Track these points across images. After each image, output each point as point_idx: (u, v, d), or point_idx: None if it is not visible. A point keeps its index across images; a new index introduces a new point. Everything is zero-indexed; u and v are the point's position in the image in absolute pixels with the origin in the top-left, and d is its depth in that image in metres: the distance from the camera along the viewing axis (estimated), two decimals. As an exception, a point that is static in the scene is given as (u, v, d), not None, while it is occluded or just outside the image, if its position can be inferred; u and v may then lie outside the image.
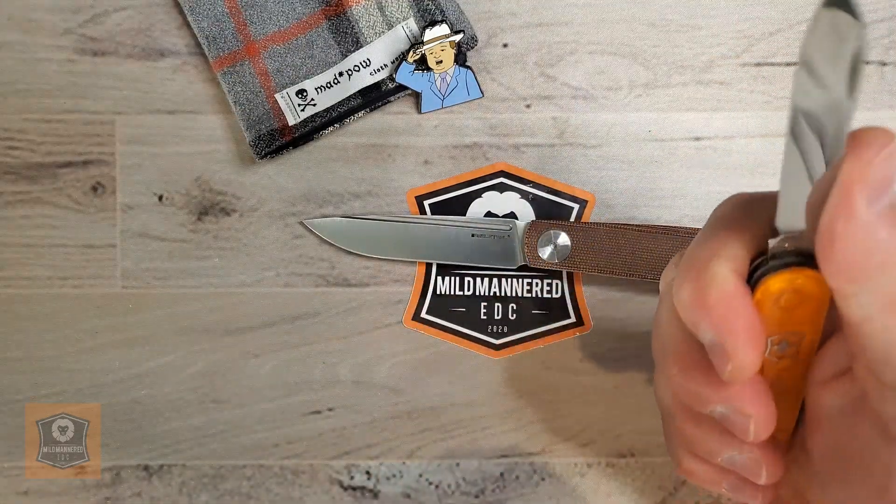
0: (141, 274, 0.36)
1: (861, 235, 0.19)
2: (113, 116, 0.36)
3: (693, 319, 0.22)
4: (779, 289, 0.21)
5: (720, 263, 0.21)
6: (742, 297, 0.21)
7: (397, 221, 0.36)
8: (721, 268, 0.21)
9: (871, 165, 0.18)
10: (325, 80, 0.35)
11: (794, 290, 0.21)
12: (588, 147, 0.36)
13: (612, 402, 0.36)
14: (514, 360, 0.36)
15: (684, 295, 0.22)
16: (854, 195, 0.18)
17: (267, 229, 0.36)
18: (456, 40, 0.35)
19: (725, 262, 0.21)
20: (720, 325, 0.21)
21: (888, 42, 0.36)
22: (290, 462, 0.36)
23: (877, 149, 0.18)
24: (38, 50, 0.36)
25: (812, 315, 0.22)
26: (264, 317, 0.36)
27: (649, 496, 0.36)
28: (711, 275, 0.21)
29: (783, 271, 0.21)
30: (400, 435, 0.36)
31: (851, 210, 0.18)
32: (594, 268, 0.34)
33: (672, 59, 0.36)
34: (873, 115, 0.35)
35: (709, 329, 0.21)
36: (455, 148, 0.36)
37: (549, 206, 0.36)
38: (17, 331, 0.36)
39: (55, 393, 0.36)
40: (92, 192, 0.36)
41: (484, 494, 0.36)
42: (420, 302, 0.36)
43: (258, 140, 0.35)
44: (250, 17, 0.35)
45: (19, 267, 0.36)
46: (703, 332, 0.21)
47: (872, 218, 0.18)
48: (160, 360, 0.36)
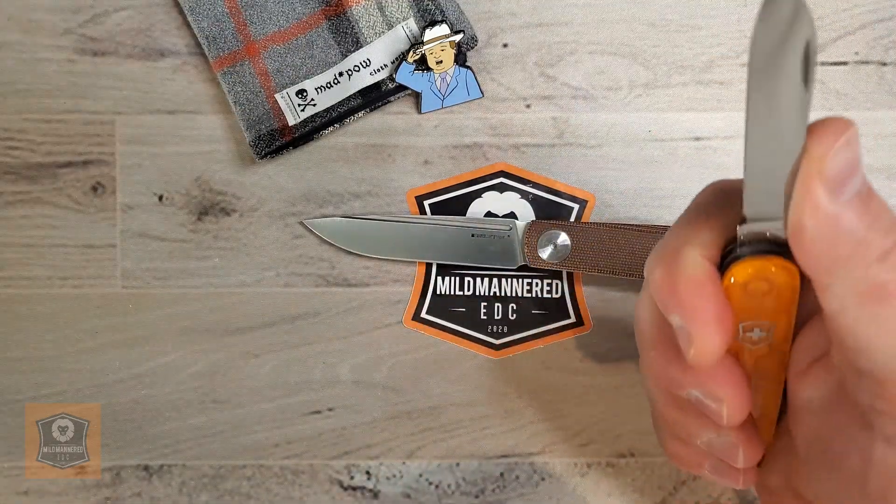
0: (141, 274, 0.36)
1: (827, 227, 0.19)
2: (113, 116, 0.36)
3: (663, 303, 0.22)
4: (745, 276, 0.21)
5: (691, 249, 0.21)
6: (710, 282, 0.21)
7: (397, 221, 0.36)
8: (691, 253, 0.21)
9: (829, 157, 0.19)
10: (325, 80, 0.35)
11: (762, 277, 0.21)
12: (588, 147, 0.36)
13: (612, 402, 0.36)
14: (514, 360, 0.36)
15: (656, 278, 0.22)
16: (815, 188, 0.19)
17: (267, 229, 0.36)
18: (456, 40, 0.35)
19: (696, 249, 0.21)
20: (686, 309, 0.21)
21: (888, 42, 0.36)
22: (290, 462, 0.36)
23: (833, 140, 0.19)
24: (38, 50, 0.36)
25: (782, 302, 0.22)
26: (264, 317, 0.36)
27: (649, 496, 0.36)
28: (682, 260, 0.21)
29: (750, 258, 0.21)
30: (400, 435, 0.36)
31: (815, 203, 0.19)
32: (594, 268, 0.34)
33: (672, 59, 0.36)
34: (873, 114, 0.35)
35: (676, 312, 0.22)
36: (455, 148, 0.36)
37: (549, 206, 0.36)
38: (17, 331, 0.36)
39: (55, 393, 0.36)
40: (92, 192, 0.36)
41: (484, 494, 0.36)
42: (420, 302, 0.36)
43: (258, 140, 0.35)
44: (250, 17, 0.35)
45: (19, 267, 0.36)
46: (672, 316, 0.22)
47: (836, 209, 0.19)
48: (160, 360, 0.36)
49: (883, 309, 0.19)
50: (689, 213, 0.23)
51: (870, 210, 0.19)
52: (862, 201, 0.19)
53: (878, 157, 0.36)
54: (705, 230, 0.22)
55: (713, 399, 0.23)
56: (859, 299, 0.19)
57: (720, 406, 0.23)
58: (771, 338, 0.23)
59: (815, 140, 0.19)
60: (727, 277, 0.21)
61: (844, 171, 0.19)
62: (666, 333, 0.24)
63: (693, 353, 0.21)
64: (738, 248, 0.21)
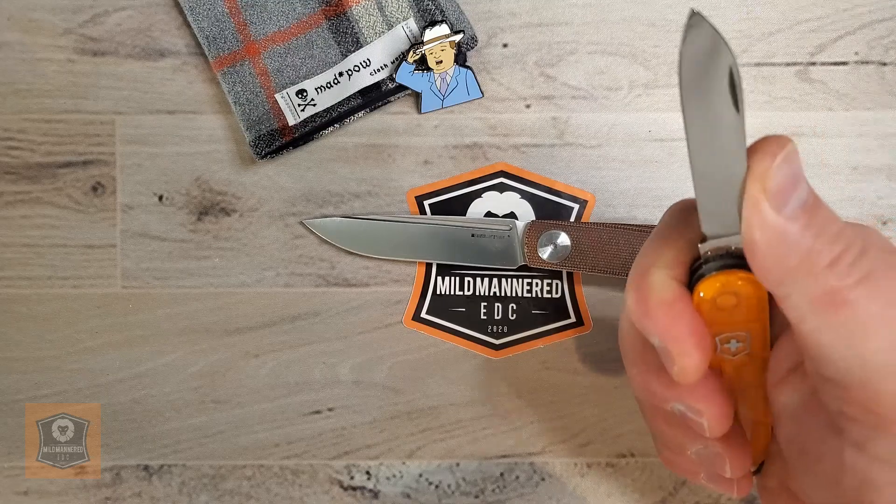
0: (141, 274, 0.36)
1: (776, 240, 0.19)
2: (113, 116, 0.36)
3: (640, 325, 0.23)
4: (713, 291, 0.22)
5: (657, 271, 0.22)
6: (679, 302, 0.22)
7: (397, 221, 0.36)
8: (658, 275, 0.22)
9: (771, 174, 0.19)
10: (325, 80, 0.35)
11: (729, 291, 0.22)
12: (588, 147, 0.36)
13: (612, 402, 0.36)
14: (514, 360, 0.36)
15: (630, 303, 0.23)
16: (760, 205, 0.19)
17: (267, 229, 0.36)
18: (456, 40, 0.35)
19: (663, 270, 0.22)
20: (661, 329, 0.22)
21: (888, 42, 0.36)
22: (290, 462, 0.36)
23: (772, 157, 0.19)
24: (38, 50, 0.36)
25: (753, 312, 0.22)
26: (264, 317, 0.36)
27: (649, 496, 0.36)
28: (650, 283, 0.22)
29: (714, 274, 0.21)
30: (400, 435, 0.36)
31: (762, 218, 0.19)
32: (594, 268, 0.34)
33: (672, 59, 0.36)
34: (873, 114, 0.35)
35: (653, 334, 0.22)
36: (455, 148, 0.36)
37: (549, 206, 0.36)
38: (17, 331, 0.36)
39: (55, 393, 0.36)
40: (92, 192, 0.36)
41: (484, 494, 0.36)
42: (420, 302, 0.36)
43: (258, 140, 0.35)
44: (250, 17, 0.35)
45: (19, 267, 0.36)
46: (651, 337, 0.22)
47: (782, 222, 0.19)
48: (160, 360, 0.36)
49: (836, 316, 0.19)
50: (654, 234, 0.24)
51: (816, 220, 0.20)
52: (807, 212, 0.20)
53: (878, 158, 0.36)
54: (670, 250, 0.22)
55: (695, 412, 0.24)
56: (814, 308, 0.20)
57: (702, 419, 0.24)
58: (749, 347, 0.23)
59: (756, 159, 0.20)
60: (696, 294, 0.22)
61: (787, 186, 0.20)
62: (646, 351, 0.24)
63: (677, 371, 0.22)
64: (704, 265, 0.22)
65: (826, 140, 0.36)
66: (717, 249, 0.21)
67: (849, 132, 0.36)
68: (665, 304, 0.22)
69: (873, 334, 0.19)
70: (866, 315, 0.19)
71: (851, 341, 0.19)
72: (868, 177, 0.36)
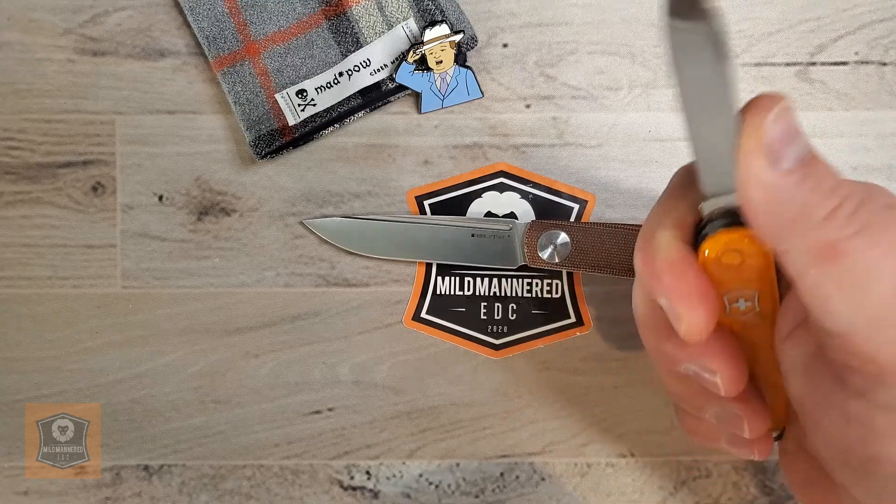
0: (141, 274, 0.36)
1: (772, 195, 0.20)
2: (113, 116, 0.36)
3: (648, 287, 0.23)
4: (717, 250, 0.22)
5: (663, 231, 0.22)
6: (685, 261, 0.22)
7: (397, 221, 0.36)
8: (663, 235, 0.22)
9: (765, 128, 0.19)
10: (325, 80, 0.35)
11: (733, 249, 0.22)
12: (588, 147, 0.36)
13: (612, 402, 0.36)
14: (514, 360, 0.36)
15: (638, 264, 0.23)
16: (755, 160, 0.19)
17: (267, 229, 0.36)
18: (456, 40, 0.35)
19: (668, 230, 0.22)
20: (667, 289, 0.22)
21: (888, 42, 0.36)
22: (290, 462, 0.36)
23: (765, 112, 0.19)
24: (38, 50, 0.36)
25: (758, 270, 0.22)
26: (264, 317, 0.36)
27: (649, 496, 0.36)
28: (656, 243, 0.22)
29: (718, 232, 0.21)
30: (400, 435, 0.36)
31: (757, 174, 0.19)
32: (594, 268, 0.34)
33: (672, 59, 0.36)
34: (873, 114, 0.35)
35: (660, 294, 0.22)
36: (455, 148, 0.36)
37: (549, 206, 0.36)
38: (17, 331, 0.36)
39: (55, 393, 0.36)
40: (92, 192, 0.36)
41: (484, 494, 0.36)
42: (420, 302, 0.36)
43: (258, 140, 0.35)
44: (250, 17, 0.35)
45: (19, 267, 0.36)
46: (658, 297, 0.23)
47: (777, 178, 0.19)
48: (160, 360, 0.36)
49: (835, 267, 0.19)
50: (660, 198, 0.24)
51: (812, 173, 0.20)
52: (804, 165, 0.20)
53: (878, 157, 0.36)
54: (675, 212, 0.23)
55: (708, 371, 0.24)
56: (812, 261, 0.20)
57: (715, 377, 0.24)
58: (757, 306, 0.23)
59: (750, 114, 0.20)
60: (701, 253, 0.22)
61: (781, 141, 0.20)
62: (658, 314, 0.24)
63: (684, 330, 0.22)
64: (708, 225, 0.22)
65: (826, 140, 0.36)
66: (722, 209, 0.21)
67: (848, 132, 0.36)
68: (670, 264, 0.22)
69: (874, 282, 0.19)
70: (865, 264, 0.19)
71: (852, 291, 0.19)
72: (868, 177, 0.36)
